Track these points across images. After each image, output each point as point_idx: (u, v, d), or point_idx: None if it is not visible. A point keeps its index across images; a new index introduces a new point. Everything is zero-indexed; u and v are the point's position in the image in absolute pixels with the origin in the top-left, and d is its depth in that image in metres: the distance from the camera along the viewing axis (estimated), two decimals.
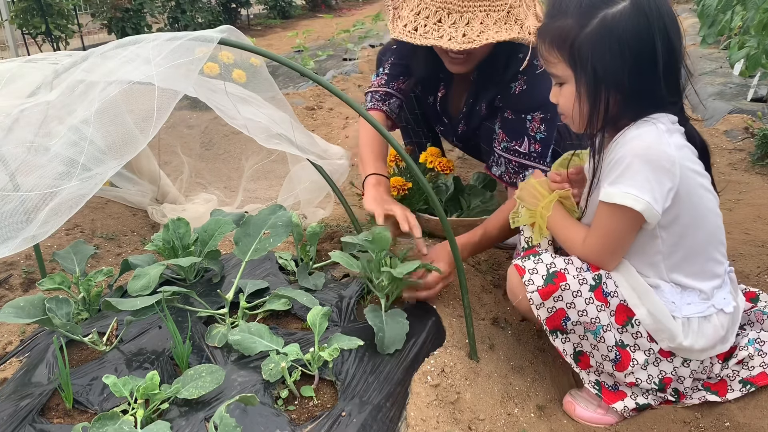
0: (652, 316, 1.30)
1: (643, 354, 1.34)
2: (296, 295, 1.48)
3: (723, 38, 4.19)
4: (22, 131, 1.26)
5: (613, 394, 1.39)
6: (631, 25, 1.20)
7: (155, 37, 1.28)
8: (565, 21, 1.25)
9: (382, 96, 2.08)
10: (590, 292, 1.30)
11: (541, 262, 1.33)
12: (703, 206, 1.30)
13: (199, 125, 3.40)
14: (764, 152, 2.81)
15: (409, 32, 1.63)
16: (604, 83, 1.23)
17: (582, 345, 1.36)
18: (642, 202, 1.21)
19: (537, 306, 1.31)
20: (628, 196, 1.22)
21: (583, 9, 1.23)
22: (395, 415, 1.24)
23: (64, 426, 1.20)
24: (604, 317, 1.31)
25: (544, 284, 1.30)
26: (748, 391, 1.39)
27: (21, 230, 1.19)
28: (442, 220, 1.35)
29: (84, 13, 6.64)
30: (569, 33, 1.24)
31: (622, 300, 1.32)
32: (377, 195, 1.79)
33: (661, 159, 1.21)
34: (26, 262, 2.05)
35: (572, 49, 1.24)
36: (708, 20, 2.42)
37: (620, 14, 1.20)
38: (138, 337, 1.45)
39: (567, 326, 1.32)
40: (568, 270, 1.31)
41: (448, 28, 1.59)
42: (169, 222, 1.73)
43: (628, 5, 1.20)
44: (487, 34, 1.57)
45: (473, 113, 2.01)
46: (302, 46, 6.43)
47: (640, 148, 1.22)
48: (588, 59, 1.23)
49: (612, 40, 1.20)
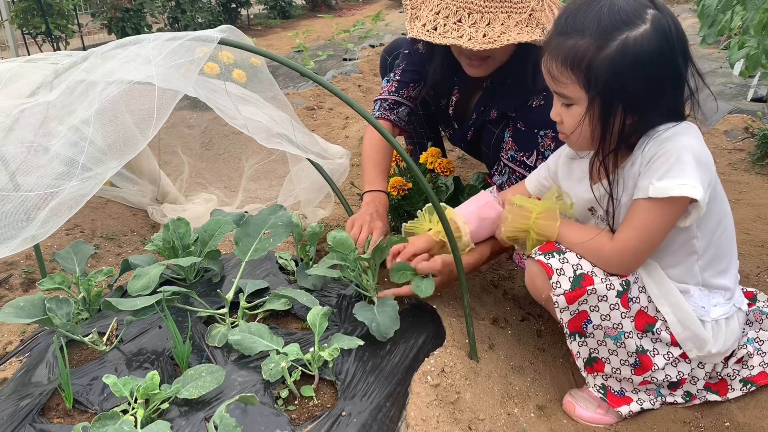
0: (682, 325, 1.30)
1: (662, 358, 1.33)
2: (296, 295, 1.48)
3: (723, 38, 4.19)
4: (22, 131, 1.26)
5: (619, 399, 1.39)
6: (654, 48, 1.16)
7: (155, 37, 1.28)
8: (582, 40, 1.20)
9: (390, 105, 2.07)
10: (617, 298, 1.28)
11: (566, 261, 1.29)
12: (725, 205, 1.33)
13: (199, 125, 3.40)
14: (764, 152, 2.81)
15: (428, 31, 1.59)
16: (621, 105, 1.21)
17: (599, 351, 1.34)
18: (700, 190, 1.17)
19: (562, 309, 1.28)
20: (685, 187, 1.17)
21: (603, 29, 1.18)
22: (395, 415, 1.24)
23: (64, 426, 1.20)
24: (627, 324, 1.30)
25: (571, 288, 1.26)
26: (749, 390, 1.39)
27: (21, 230, 1.19)
28: (443, 220, 1.35)
29: (84, 13, 6.63)
30: (586, 54, 1.19)
31: (644, 306, 1.31)
32: (363, 213, 1.80)
33: (702, 154, 1.20)
34: (26, 262, 2.05)
35: (588, 70, 1.20)
36: (708, 20, 2.42)
37: (642, 38, 1.16)
38: (138, 337, 1.45)
39: (587, 329, 1.30)
40: (595, 273, 1.28)
41: (468, 28, 1.56)
42: (169, 222, 1.73)
43: (649, 28, 1.17)
44: (509, 35, 1.53)
45: (480, 119, 2.00)
46: (302, 46, 6.42)
47: (685, 143, 1.20)
48: (607, 82, 1.19)
49: (634, 63, 1.16)
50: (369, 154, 1.97)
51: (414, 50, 2.03)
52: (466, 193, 2.21)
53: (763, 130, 2.82)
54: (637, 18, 1.18)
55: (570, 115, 1.28)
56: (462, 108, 2.08)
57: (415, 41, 2.02)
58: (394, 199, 2.06)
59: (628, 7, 1.18)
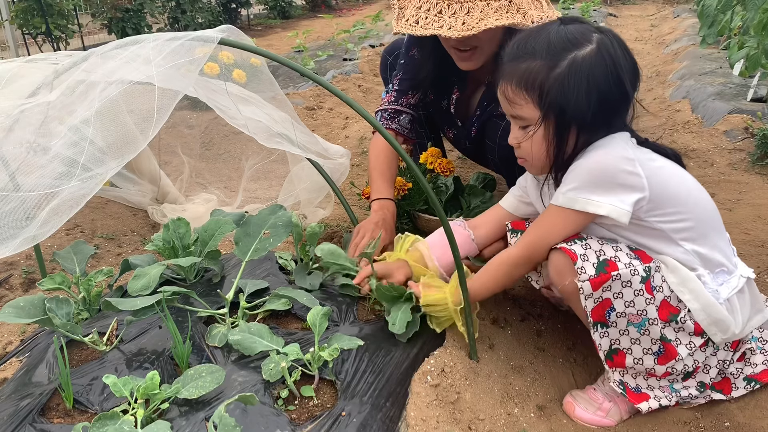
0: (706, 311, 1.30)
1: (685, 347, 1.34)
2: (296, 295, 1.49)
3: (723, 38, 4.19)
4: (22, 131, 1.26)
5: (637, 396, 1.38)
6: (599, 64, 1.25)
7: (155, 38, 1.28)
8: (533, 62, 1.28)
9: (391, 114, 2.11)
10: (641, 283, 1.28)
11: (589, 247, 1.30)
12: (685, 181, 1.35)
13: (199, 125, 3.40)
14: (764, 152, 2.81)
15: (411, 25, 1.67)
16: (572, 121, 1.28)
17: (620, 341, 1.33)
18: (606, 207, 1.26)
19: (587, 296, 1.27)
20: (590, 203, 1.27)
21: (552, 51, 1.27)
22: (395, 415, 1.24)
23: (65, 426, 1.20)
24: (651, 311, 1.30)
25: (596, 273, 1.26)
26: (753, 389, 1.40)
27: (21, 230, 1.19)
28: (442, 220, 1.35)
29: (84, 13, 6.63)
30: (538, 74, 1.27)
31: (666, 296, 1.31)
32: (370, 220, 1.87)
33: (618, 163, 1.26)
34: (26, 262, 2.05)
35: (541, 89, 1.27)
36: (708, 20, 2.42)
37: (588, 56, 1.26)
38: (138, 337, 1.45)
39: (610, 318, 1.30)
40: (619, 258, 1.29)
41: (448, 18, 1.63)
42: (169, 222, 1.73)
43: (594, 47, 1.26)
44: (487, 21, 1.60)
45: (485, 114, 2.01)
46: (302, 46, 6.42)
47: (598, 156, 1.28)
48: (557, 99, 1.26)
49: (582, 80, 1.25)
50: (374, 164, 2.01)
51: (409, 57, 2.05)
52: (467, 193, 2.21)
53: (763, 130, 2.82)
54: (584, 40, 1.27)
55: (526, 138, 1.34)
56: (464, 106, 2.10)
57: (409, 49, 2.08)
58: (394, 200, 2.06)
59: (575, 31, 1.29)
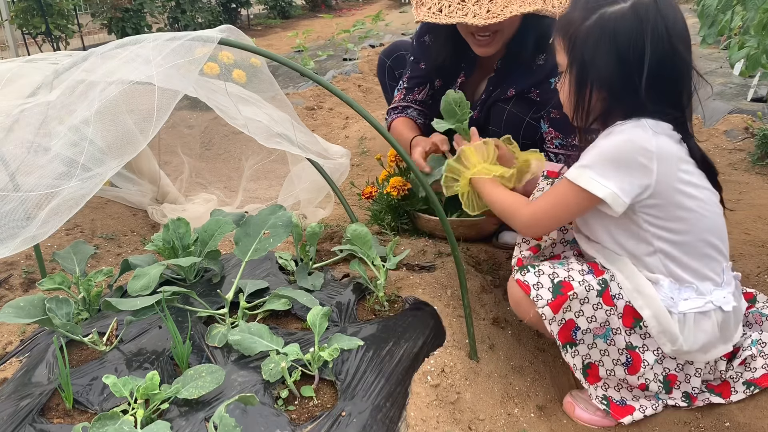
0: (657, 319, 1.30)
1: (651, 354, 1.33)
2: (296, 295, 1.49)
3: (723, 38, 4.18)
4: (22, 131, 1.26)
5: (622, 409, 1.39)
6: (625, 25, 1.24)
7: (155, 37, 1.28)
8: (574, 13, 1.32)
9: (402, 108, 2.20)
10: (598, 297, 1.30)
11: (542, 273, 1.33)
12: (687, 205, 1.28)
13: (199, 125, 3.40)
14: (764, 152, 2.81)
15: (434, 14, 1.68)
16: (589, 76, 1.29)
17: (590, 355, 1.35)
18: (605, 189, 1.25)
19: (550, 321, 1.30)
20: (593, 182, 1.26)
21: (589, 4, 1.30)
22: (395, 415, 1.24)
23: (64, 426, 1.20)
24: (613, 320, 1.31)
25: (552, 297, 1.29)
26: (752, 393, 1.39)
27: (21, 230, 1.19)
28: (442, 220, 1.35)
29: (84, 13, 6.63)
30: (572, 23, 1.31)
31: (627, 301, 1.31)
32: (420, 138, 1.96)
33: (635, 152, 1.24)
34: (26, 262, 2.05)
35: (571, 38, 1.31)
36: (708, 20, 2.41)
37: (616, 14, 1.25)
38: (138, 337, 1.45)
39: (576, 336, 1.32)
40: (572, 277, 1.31)
41: (472, 6, 1.63)
42: (169, 222, 1.73)
43: (627, 7, 1.25)
44: (511, 8, 1.61)
45: (490, 100, 2.02)
46: (302, 46, 6.42)
47: (618, 140, 1.26)
48: (581, 50, 1.29)
49: (604, 36, 1.26)
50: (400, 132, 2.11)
51: (420, 43, 2.07)
52: None
53: (763, 130, 2.82)
54: None
55: (560, 83, 1.39)
56: (469, 91, 2.12)
57: (421, 35, 2.11)
58: (394, 199, 2.06)
59: None
